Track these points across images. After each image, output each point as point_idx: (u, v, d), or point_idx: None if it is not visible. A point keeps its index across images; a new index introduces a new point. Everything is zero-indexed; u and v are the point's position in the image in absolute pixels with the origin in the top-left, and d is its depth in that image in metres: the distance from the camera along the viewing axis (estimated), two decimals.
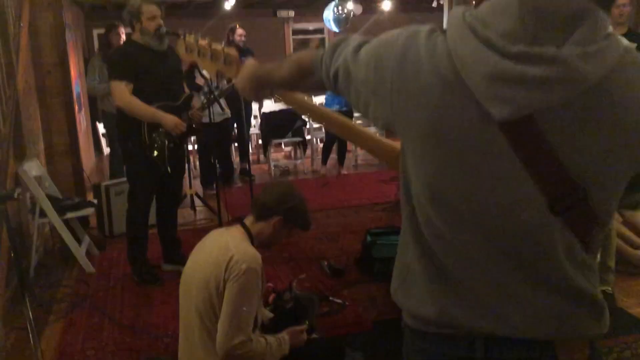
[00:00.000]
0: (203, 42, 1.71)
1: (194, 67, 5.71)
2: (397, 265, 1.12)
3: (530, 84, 0.85)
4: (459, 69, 0.90)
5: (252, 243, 2.17)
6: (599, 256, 3.48)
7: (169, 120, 3.59)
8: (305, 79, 1.24)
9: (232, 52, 1.63)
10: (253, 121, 8.26)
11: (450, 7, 6.30)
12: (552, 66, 0.84)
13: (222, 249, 2.07)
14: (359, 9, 8.42)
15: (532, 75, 0.84)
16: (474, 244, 0.98)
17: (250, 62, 1.49)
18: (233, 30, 6.23)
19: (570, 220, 0.93)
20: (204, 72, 5.48)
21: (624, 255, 3.73)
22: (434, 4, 6.91)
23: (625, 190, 0.97)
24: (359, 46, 1.07)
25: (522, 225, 0.94)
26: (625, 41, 0.97)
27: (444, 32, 0.96)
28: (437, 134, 0.94)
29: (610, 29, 0.88)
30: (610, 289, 3.35)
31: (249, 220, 2.24)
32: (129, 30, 3.79)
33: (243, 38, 6.27)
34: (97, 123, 6.55)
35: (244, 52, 6.24)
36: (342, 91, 1.11)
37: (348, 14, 5.56)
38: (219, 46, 1.67)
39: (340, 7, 5.60)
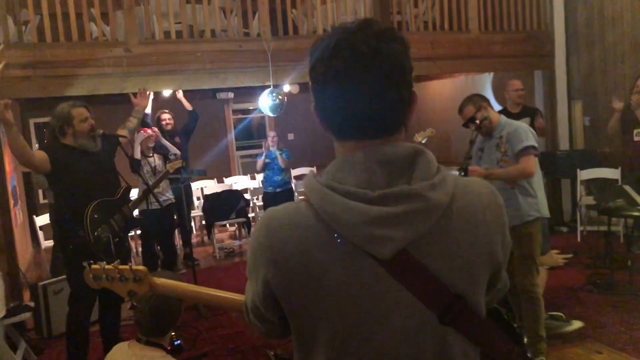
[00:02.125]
0: (109, 267, 1.75)
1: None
2: None
3: (400, 220, 0.97)
4: (331, 224, 0.99)
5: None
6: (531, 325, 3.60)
7: None
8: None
9: (140, 268, 1.71)
10: (196, 202, 8.26)
11: None
12: (412, 201, 0.97)
13: None
14: (296, 89, 8.70)
15: (398, 213, 0.97)
16: None
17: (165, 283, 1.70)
18: (159, 118, 6.36)
19: (461, 327, 1.05)
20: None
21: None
22: None
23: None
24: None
25: (421, 346, 1.04)
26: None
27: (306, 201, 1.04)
28: (322, 285, 1.01)
29: (436, 162, 1.04)
30: (544, 359, 3.47)
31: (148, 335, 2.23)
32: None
33: (169, 123, 6.40)
34: (35, 216, 6.40)
35: (171, 134, 6.36)
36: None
37: (283, 99, 5.74)
38: (126, 267, 1.72)
39: (274, 94, 5.79)
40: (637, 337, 3.86)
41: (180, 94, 6.62)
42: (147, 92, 4.42)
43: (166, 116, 6.39)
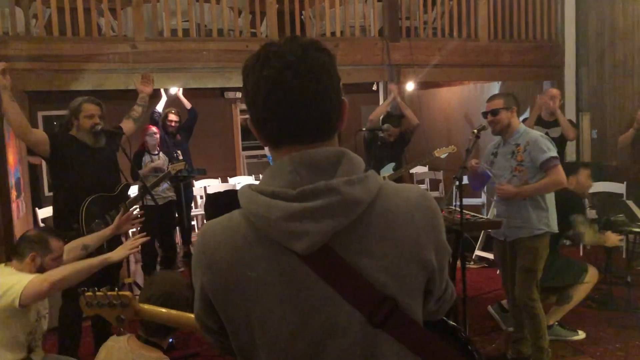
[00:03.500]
0: (100, 294, 1.87)
1: (144, 150, 5.79)
2: None
3: (316, 215, 1.00)
4: (255, 223, 1.03)
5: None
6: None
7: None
8: None
9: (125, 294, 1.81)
10: (199, 200, 8.27)
11: (384, 91, 6.62)
12: (328, 196, 1.00)
13: None
14: None
15: (315, 207, 1.00)
16: None
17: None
18: (166, 117, 6.35)
19: (393, 330, 1.04)
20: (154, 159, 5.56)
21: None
22: (374, 87, 7.21)
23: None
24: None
25: (351, 347, 1.03)
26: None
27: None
28: (250, 285, 1.04)
29: (363, 165, 1.09)
30: None
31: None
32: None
33: (175, 123, 6.40)
34: (37, 209, 6.43)
35: (174, 133, 6.36)
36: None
37: None
38: (113, 292, 1.84)
39: None
40: (632, 354, 3.82)
41: (179, 93, 6.63)
42: (151, 78, 4.40)
43: (173, 117, 6.39)
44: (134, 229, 6.86)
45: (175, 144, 6.33)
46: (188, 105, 6.75)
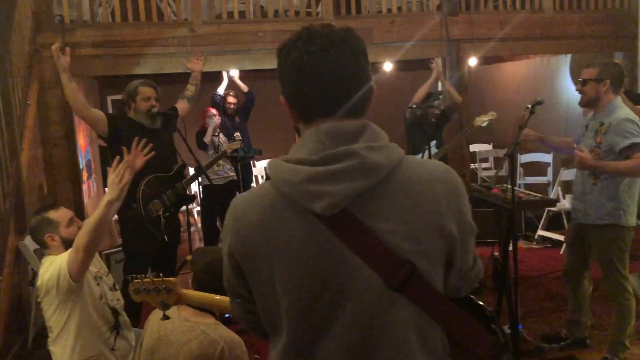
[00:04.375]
0: (147, 280, 1.96)
1: (204, 131, 5.95)
2: None
3: (336, 177, 1.05)
4: (281, 189, 1.09)
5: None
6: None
7: None
8: None
9: (170, 280, 1.88)
10: (260, 180, 8.42)
11: (443, 67, 6.46)
12: (348, 159, 1.05)
13: (205, 342, 2.05)
14: None
15: (336, 169, 1.05)
16: (332, 342, 1.08)
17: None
18: (224, 99, 6.45)
19: (411, 294, 1.07)
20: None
21: None
22: (432, 64, 7.07)
23: None
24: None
25: (368, 308, 1.06)
26: None
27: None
28: (274, 246, 1.09)
29: (387, 138, 1.13)
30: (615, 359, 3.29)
31: None
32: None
33: (233, 105, 6.49)
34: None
35: (232, 115, 6.46)
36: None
37: None
38: (158, 279, 1.92)
39: None
40: None
41: (236, 76, 6.71)
42: (201, 57, 4.49)
43: (232, 100, 6.50)
44: (198, 208, 7.08)
45: (234, 126, 6.45)
46: (245, 88, 6.85)
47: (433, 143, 5.36)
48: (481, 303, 1.33)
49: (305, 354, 1.11)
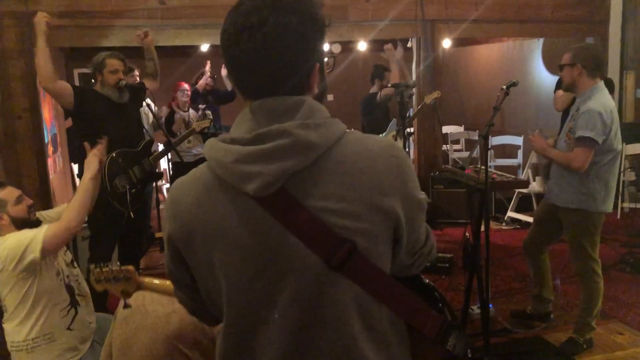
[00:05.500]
0: (105, 269, 1.99)
1: (172, 112, 5.82)
2: None
3: (268, 156, 1.00)
4: (215, 170, 1.05)
5: None
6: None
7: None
8: None
9: (128, 269, 1.91)
10: None
11: (418, 48, 6.44)
12: (280, 138, 1.00)
13: (186, 315, 2.02)
14: (337, 48, 8.69)
15: (267, 149, 1.00)
16: (272, 326, 1.06)
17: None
18: (201, 77, 6.37)
19: (352, 274, 1.03)
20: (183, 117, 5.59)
21: None
22: (409, 44, 7.04)
23: None
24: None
25: (307, 289, 1.03)
26: None
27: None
28: (210, 229, 1.05)
29: (327, 114, 1.07)
30: (581, 339, 3.35)
31: None
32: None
33: (207, 87, 6.41)
34: (72, 164, 6.58)
35: (205, 94, 6.37)
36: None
37: (328, 55, 5.66)
38: (116, 267, 1.96)
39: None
40: None
41: (224, 74, 6.58)
42: (146, 33, 4.28)
43: (208, 81, 6.42)
44: (168, 185, 6.96)
45: (206, 103, 6.35)
46: (229, 87, 6.73)
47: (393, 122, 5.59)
48: (430, 283, 1.30)
49: (247, 337, 1.08)
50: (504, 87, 3.23)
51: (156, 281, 2.09)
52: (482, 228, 3.21)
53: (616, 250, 5.12)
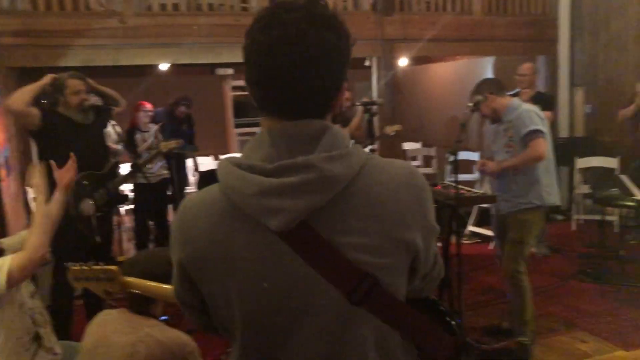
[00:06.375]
0: (86, 268, 1.90)
1: (134, 128, 5.69)
2: None
3: (293, 191, 0.96)
4: (232, 198, 1.00)
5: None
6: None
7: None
8: None
9: (111, 269, 1.82)
10: (191, 178, 8.22)
11: (378, 67, 6.55)
12: (306, 172, 0.96)
13: (153, 345, 1.96)
14: None
15: (292, 183, 0.95)
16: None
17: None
18: (177, 104, 6.21)
19: (373, 307, 1.01)
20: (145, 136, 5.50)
21: None
22: (366, 63, 7.15)
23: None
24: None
25: (328, 325, 1.01)
26: None
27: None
28: (227, 260, 1.01)
29: (350, 141, 1.04)
30: (527, 340, 3.50)
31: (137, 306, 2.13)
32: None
33: (183, 114, 6.25)
34: (27, 187, 6.36)
35: (180, 122, 6.23)
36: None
37: None
38: (98, 267, 1.86)
39: None
40: (623, 327, 3.84)
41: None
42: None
43: (183, 109, 6.23)
44: (126, 207, 6.80)
45: (179, 131, 6.16)
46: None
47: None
48: (436, 299, 1.32)
49: None
50: (471, 104, 3.33)
51: (142, 283, 1.99)
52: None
53: (574, 261, 5.29)
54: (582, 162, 6.57)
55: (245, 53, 1.02)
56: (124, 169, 5.00)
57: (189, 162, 7.74)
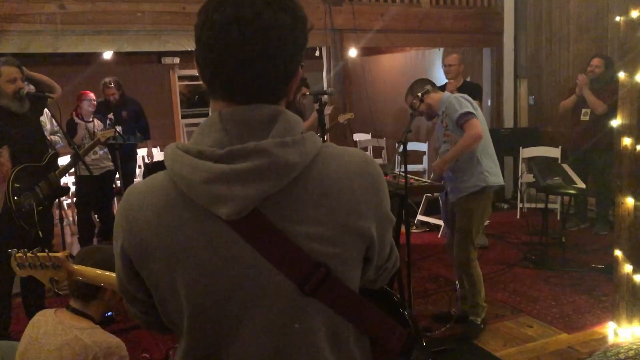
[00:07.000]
0: (30, 255, 1.82)
1: (73, 122, 5.49)
2: None
3: (244, 178, 0.92)
4: (180, 185, 0.96)
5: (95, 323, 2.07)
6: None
7: None
8: None
9: (57, 256, 1.75)
10: (138, 170, 8.01)
11: (328, 57, 6.53)
12: (257, 158, 0.92)
13: (77, 349, 1.92)
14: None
15: (243, 169, 0.92)
16: (241, 350, 1.00)
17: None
18: (105, 87, 5.99)
19: (325, 298, 0.99)
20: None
21: None
22: (317, 54, 7.12)
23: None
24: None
25: (280, 316, 0.98)
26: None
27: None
28: (174, 250, 0.97)
29: (302, 127, 1.01)
30: (478, 320, 3.62)
31: (77, 304, 2.08)
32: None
33: (112, 97, 6.02)
34: None
35: (119, 108, 6.01)
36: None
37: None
38: (44, 254, 1.79)
39: None
40: (566, 311, 3.98)
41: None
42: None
43: (111, 91, 5.97)
44: (69, 200, 6.58)
45: (118, 120, 5.95)
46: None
47: None
48: (388, 289, 1.30)
49: None
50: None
51: (89, 270, 1.92)
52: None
53: (518, 249, 5.45)
54: (526, 152, 6.75)
55: (196, 32, 0.98)
56: (64, 160, 4.82)
57: (143, 153, 7.53)
